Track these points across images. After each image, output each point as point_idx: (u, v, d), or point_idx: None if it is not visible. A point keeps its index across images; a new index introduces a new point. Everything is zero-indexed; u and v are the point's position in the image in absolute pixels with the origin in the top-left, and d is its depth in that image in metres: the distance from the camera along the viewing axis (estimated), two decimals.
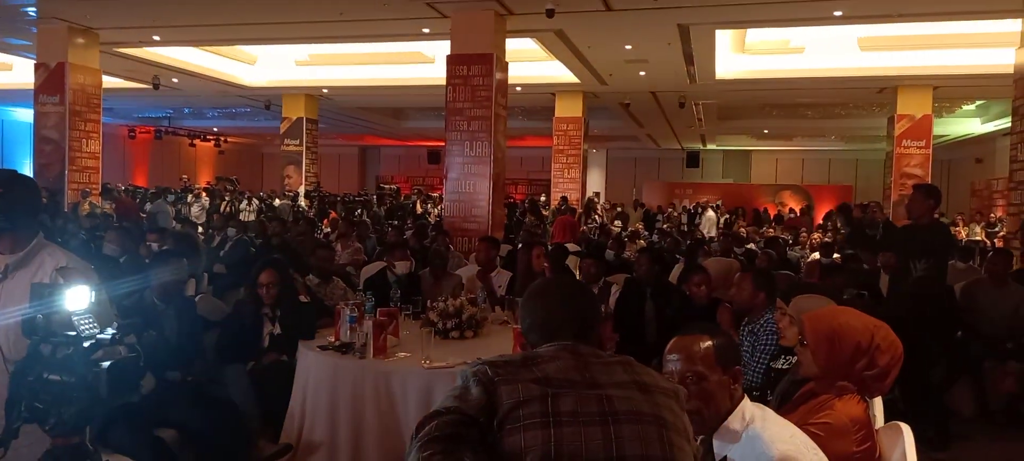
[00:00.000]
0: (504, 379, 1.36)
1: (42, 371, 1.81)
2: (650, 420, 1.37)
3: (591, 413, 1.34)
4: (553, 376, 1.38)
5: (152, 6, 9.18)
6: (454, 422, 1.32)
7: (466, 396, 1.36)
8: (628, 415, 1.35)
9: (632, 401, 1.38)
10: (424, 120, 20.46)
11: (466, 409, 1.33)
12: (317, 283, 4.84)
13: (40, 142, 10.59)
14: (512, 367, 1.40)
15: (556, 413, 1.32)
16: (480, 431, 1.32)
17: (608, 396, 1.37)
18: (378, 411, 3.20)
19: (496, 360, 1.43)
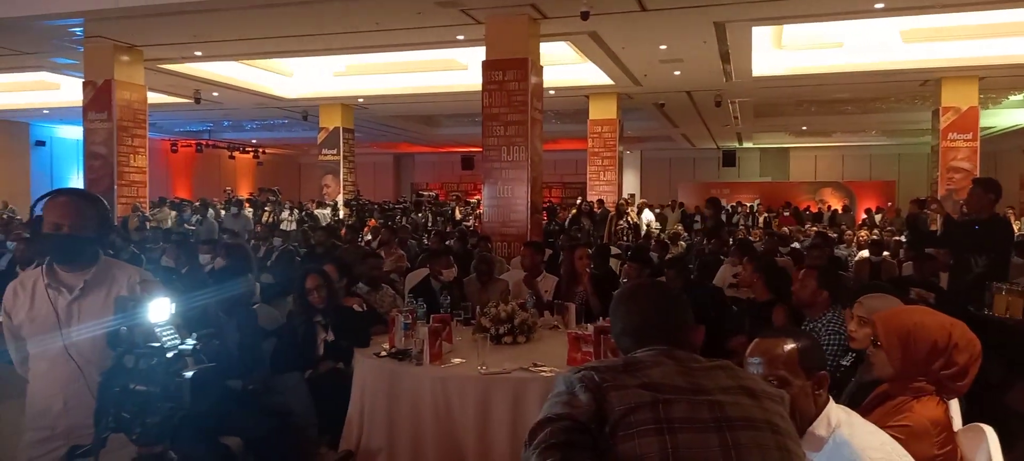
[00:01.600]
0: (612, 385, 1.35)
1: (127, 382, 1.87)
2: (764, 426, 1.35)
3: (704, 420, 1.32)
4: (659, 382, 1.37)
5: (194, 23, 9.38)
6: (567, 429, 1.30)
7: (574, 402, 1.34)
8: (742, 422, 1.34)
9: (743, 407, 1.36)
10: (457, 127, 20.57)
11: (577, 415, 1.32)
12: (367, 291, 4.90)
13: (90, 158, 10.90)
14: (616, 372, 1.39)
15: (668, 420, 1.31)
16: (592, 438, 1.31)
17: (718, 402, 1.35)
18: (436, 417, 3.23)
19: (598, 365, 1.43)
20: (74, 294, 2.34)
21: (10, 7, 9.01)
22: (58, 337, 2.30)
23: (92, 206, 2.37)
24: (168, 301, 1.97)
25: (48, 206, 2.30)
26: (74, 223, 2.29)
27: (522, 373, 3.25)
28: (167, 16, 8.95)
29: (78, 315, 2.34)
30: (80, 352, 2.30)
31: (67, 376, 2.30)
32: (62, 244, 2.29)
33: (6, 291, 2.42)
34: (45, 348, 2.31)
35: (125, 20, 9.27)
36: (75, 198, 2.36)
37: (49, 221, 2.27)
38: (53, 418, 2.32)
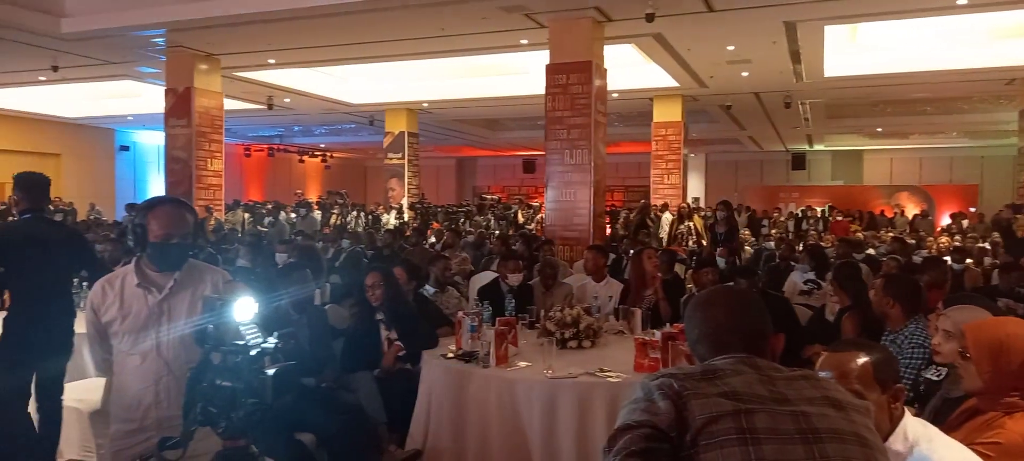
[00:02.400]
0: (693, 393, 1.33)
1: (214, 377, 1.95)
2: (851, 439, 1.31)
3: (789, 431, 1.29)
4: (740, 391, 1.34)
5: (268, 32, 9.73)
6: (647, 436, 1.29)
7: (654, 409, 1.33)
8: (829, 434, 1.30)
9: (829, 418, 1.33)
10: (519, 130, 20.67)
11: (657, 423, 1.31)
12: (433, 292, 4.98)
13: (171, 162, 11.42)
14: (695, 380, 1.37)
15: (751, 430, 1.28)
16: (672, 446, 1.30)
17: (804, 413, 1.32)
18: (502, 419, 3.25)
19: (677, 372, 1.41)
20: (163, 293, 2.46)
21: (99, 19, 9.54)
22: (150, 334, 2.43)
23: (189, 213, 2.50)
24: (252, 301, 2.05)
25: (155, 215, 2.41)
26: (181, 232, 2.42)
27: (589, 378, 3.24)
28: (243, 26, 9.31)
29: (167, 313, 2.46)
30: (170, 348, 2.42)
31: (157, 371, 2.42)
32: (172, 252, 2.42)
33: (94, 289, 2.55)
34: (137, 344, 2.43)
35: (204, 30, 9.69)
36: (179, 208, 2.49)
37: (157, 230, 2.39)
38: (143, 411, 2.43)
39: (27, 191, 3.81)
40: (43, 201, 3.89)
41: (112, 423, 2.53)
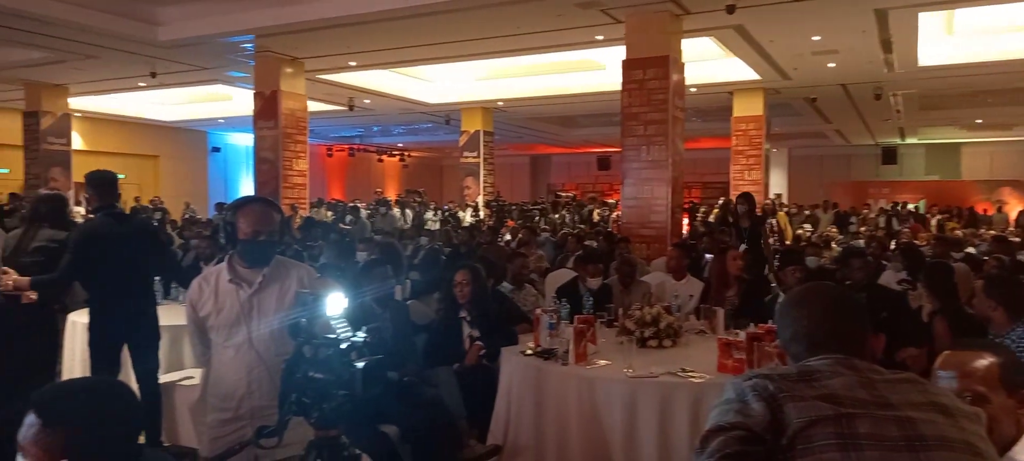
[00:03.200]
0: (789, 395, 1.29)
1: (307, 369, 2.03)
2: (962, 447, 1.24)
3: (894, 438, 1.23)
4: (840, 394, 1.29)
5: (350, 35, 10.01)
6: (741, 438, 1.26)
7: (747, 410, 1.29)
8: (937, 441, 1.23)
9: (937, 425, 1.26)
10: (593, 127, 20.51)
11: (751, 425, 1.27)
12: (510, 289, 5.01)
13: (259, 163, 11.91)
14: (791, 381, 1.32)
15: (853, 436, 1.23)
16: (767, 449, 1.26)
17: (909, 419, 1.26)
18: (582, 417, 3.24)
19: (770, 373, 1.36)
20: (253, 288, 2.56)
21: (193, 27, 10.05)
22: (242, 327, 2.54)
23: (277, 212, 2.60)
24: (342, 296, 2.12)
25: (244, 214, 2.53)
26: (269, 230, 2.52)
27: (670, 377, 3.19)
28: (326, 29, 9.61)
29: (258, 307, 2.56)
30: (261, 340, 2.53)
31: (250, 362, 2.53)
32: (259, 249, 2.52)
33: (191, 286, 2.69)
34: (231, 337, 2.55)
35: (290, 35, 10.06)
36: (266, 207, 2.60)
37: (246, 228, 2.50)
38: (237, 401, 2.55)
39: (97, 189, 3.99)
40: (112, 198, 4.05)
41: (210, 412, 2.66)
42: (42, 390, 1.43)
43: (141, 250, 4.05)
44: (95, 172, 4.02)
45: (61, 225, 4.32)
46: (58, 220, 4.30)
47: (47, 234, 4.13)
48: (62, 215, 4.36)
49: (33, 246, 4.07)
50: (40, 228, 4.13)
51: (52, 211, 4.26)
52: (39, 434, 1.36)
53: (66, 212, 4.55)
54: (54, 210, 4.29)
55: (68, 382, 1.51)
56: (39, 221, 4.15)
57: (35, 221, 4.15)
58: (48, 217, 4.19)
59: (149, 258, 4.13)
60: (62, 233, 4.24)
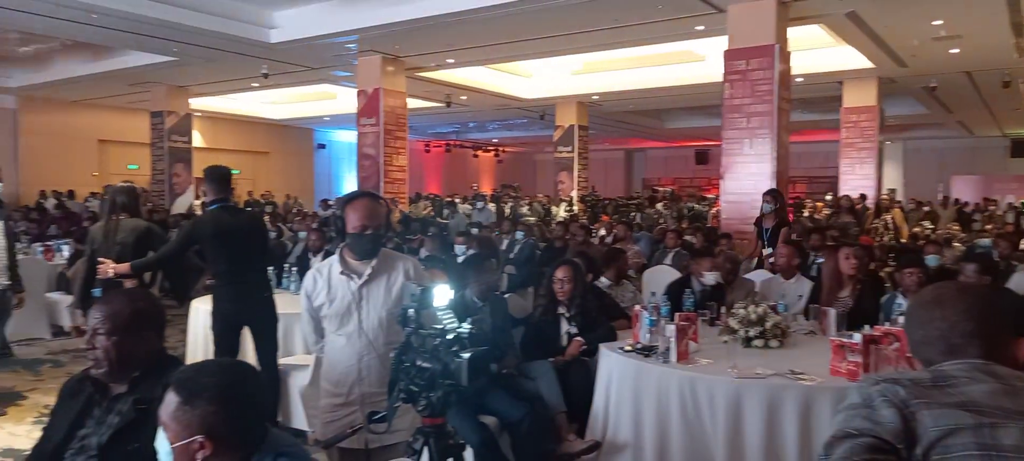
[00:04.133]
0: (924, 402, 1.21)
1: (415, 358, 2.09)
2: None
3: None
4: (981, 402, 1.19)
5: (448, 32, 10.19)
6: (869, 447, 1.19)
7: (876, 417, 1.22)
8: None
9: None
10: (691, 120, 20.03)
11: (880, 433, 1.20)
12: (608, 285, 4.97)
13: (361, 158, 12.34)
14: (924, 387, 1.24)
15: (997, 448, 1.14)
16: (898, 459, 1.19)
17: None
18: (684, 417, 3.17)
19: (900, 377, 1.27)
20: (362, 279, 2.66)
21: (301, 29, 10.52)
22: (352, 317, 2.64)
23: (382, 206, 2.69)
24: (448, 288, 2.16)
25: (353, 208, 2.63)
26: (375, 223, 2.61)
27: (779, 379, 3.06)
28: (426, 28, 9.83)
29: (367, 297, 2.66)
30: (371, 329, 2.62)
31: (360, 350, 2.63)
32: (368, 242, 2.62)
33: (306, 277, 2.82)
34: (343, 326, 2.66)
35: (391, 35, 10.36)
36: (373, 201, 2.69)
37: (354, 221, 2.60)
38: (348, 386, 2.65)
39: (213, 183, 4.26)
40: (226, 191, 4.32)
41: (322, 397, 2.78)
42: (182, 370, 1.54)
43: (253, 240, 4.31)
44: (211, 167, 4.31)
45: (137, 214, 4.65)
46: (135, 210, 4.62)
47: (129, 224, 4.45)
48: (137, 205, 4.68)
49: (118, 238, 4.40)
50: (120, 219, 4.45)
51: (129, 202, 4.58)
52: (178, 411, 1.46)
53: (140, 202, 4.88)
54: (130, 201, 4.61)
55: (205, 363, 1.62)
56: (118, 212, 4.47)
57: (114, 212, 4.47)
58: (126, 208, 4.51)
59: (261, 248, 4.40)
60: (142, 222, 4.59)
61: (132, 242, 4.33)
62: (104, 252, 4.28)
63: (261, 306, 4.25)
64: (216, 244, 4.12)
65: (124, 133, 18.13)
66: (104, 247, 4.32)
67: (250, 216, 5.14)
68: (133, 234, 4.38)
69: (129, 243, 4.33)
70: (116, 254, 4.24)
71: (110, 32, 10.47)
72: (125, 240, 4.35)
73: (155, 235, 4.53)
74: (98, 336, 1.90)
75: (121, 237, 4.36)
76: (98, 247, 4.34)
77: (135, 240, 4.35)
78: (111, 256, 4.20)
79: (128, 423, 1.90)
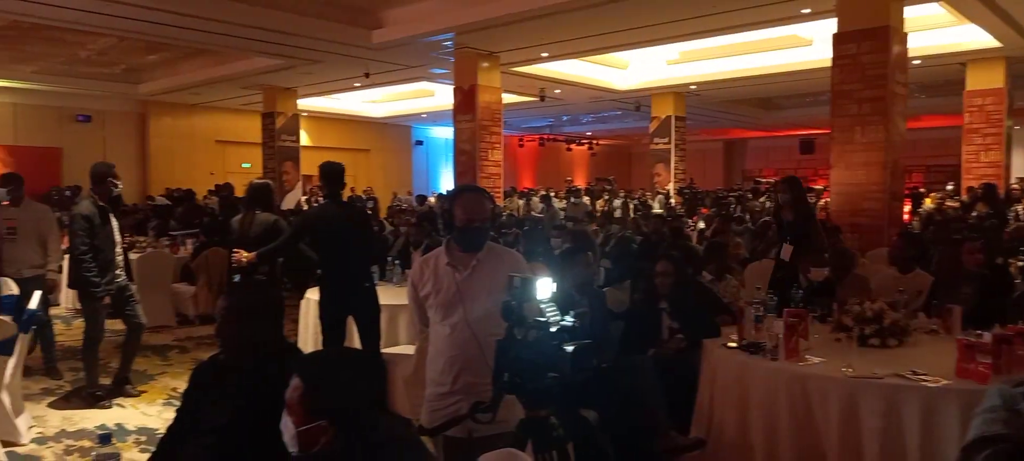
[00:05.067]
0: None
1: (519, 350, 2.11)
2: None
3: None
4: None
5: (542, 26, 10.21)
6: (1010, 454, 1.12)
7: (1019, 422, 1.15)
8: None
9: None
10: (795, 108, 19.19)
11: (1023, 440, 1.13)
12: (710, 279, 4.84)
13: (458, 154, 12.57)
14: None
15: None
16: None
17: None
18: (793, 416, 3.05)
19: None
20: (468, 271, 2.71)
21: (400, 30, 10.83)
22: (457, 308, 2.69)
23: (488, 200, 2.73)
24: (550, 281, 2.17)
25: (460, 202, 2.69)
26: (481, 217, 2.66)
27: (898, 380, 2.89)
28: (520, 22, 9.88)
29: (471, 289, 2.70)
30: (475, 320, 2.66)
31: (464, 340, 2.68)
32: (474, 235, 2.67)
33: (413, 267, 2.91)
34: (447, 316, 2.72)
35: (486, 31, 10.48)
36: (480, 196, 2.74)
37: (461, 216, 2.66)
38: (453, 376, 2.71)
39: (325, 178, 4.53)
40: (338, 187, 4.56)
41: (427, 386, 2.86)
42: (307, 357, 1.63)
43: (359, 234, 4.52)
44: (325, 163, 4.56)
45: (269, 208, 5.00)
46: (267, 204, 4.98)
47: (261, 217, 4.78)
48: (270, 200, 5.03)
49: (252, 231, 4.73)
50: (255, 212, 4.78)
51: (263, 197, 4.92)
52: (302, 395, 1.55)
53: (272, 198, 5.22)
54: (264, 196, 4.96)
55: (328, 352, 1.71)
56: (253, 206, 4.79)
57: (250, 206, 4.79)
58: (260, 202, 4.83)
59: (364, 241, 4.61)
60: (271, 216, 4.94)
61: (262, 234, 4.66)
62: (240, 243, 4.63)
63: (364, 297, 4.45)
64: (323, 237, 4.35)
65: (239, 134, 19.27)
66: (240, 238, 4.68)
67: (355, 210, 5.37)
68: (263, 226, 4.71)
69: (260, 235, 4.66)
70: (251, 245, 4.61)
71: (227, 38, 11.15)
72: (258, 232, 4.68)
73: (280, 228, 4.85)
74: (225, 323, 2.03)
75: (255, 230, 4.69)
76: (236, 238, 4.71)
77: (264, 232, 4.68)
78: (246, 247, 4.56)
79: (251, 406, 2.03)
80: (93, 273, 4.85)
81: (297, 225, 4.69)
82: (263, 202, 4.85)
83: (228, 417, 2.03)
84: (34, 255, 5.49)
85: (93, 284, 4.86)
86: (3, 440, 4.10)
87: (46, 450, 4.32)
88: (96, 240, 4.85)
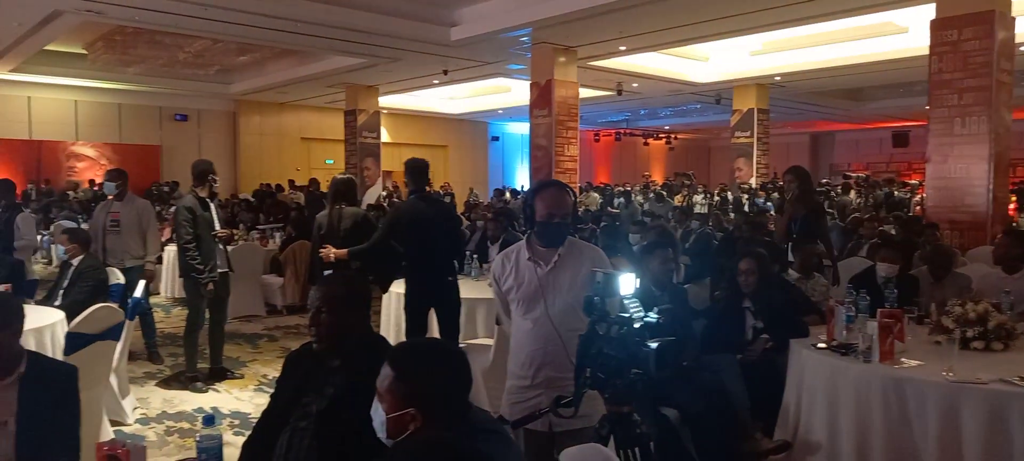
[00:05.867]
0: None
1: (601, 346, 2.10)
2: None
3: None
4: None
5: (621, 19, 10.10)
6: None
7: None
8: None
9: None
10: (888, 99, 18.28)
11: None
12: (796, 278, 4.68)
13: (534, 149, 12.60)
14: None
15: None
16: None
17: None
18: (888, 422, 2.92)
19: None
20: (549, 266, 2.71)
21: (478, 26, 10.94)
22: (539, 302, 2.70)
23: (569, 195, 2.73)
24: (634, 277, 2.15)
25: (541, 197, 2.69)
26: (562, 212, 2.66)
27: (1004, 386, 2.72)
28: (599, 16, 9.81)
29: (553, 284, 2.71)
30: (556, 315, 2.66)
31: (546, 335, 2.68)
32: (554, 230, 2.68)
33: (495, 261, 2.93)
34: (529, 310, 2.73)
35: (564, 25, 10.45)
36: (560, 191, 2.74)
37: (542, 210, 2.67)
38: (534, 370, 2.72)
39: (411, 174, 4.69)
40: (423, 183, 4.71)
41: (508, 379, 2.88)
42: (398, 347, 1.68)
43: (443, 228, 4.60)
44: (411, 159, 4.72)
45: (355, 203, 5.14)
46: (353, 199, 5.11)
47: (349, 212, 4.92)
48: (355, 195, 5.19)
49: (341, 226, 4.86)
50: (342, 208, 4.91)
51: (348, 192, 5.07)
52: (393, 384, 1.60)
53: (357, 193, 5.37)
54: (349, 191, 5.10)
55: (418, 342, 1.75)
56: (339, 202, 4.93)
57: (336, 201, 4.93)
58: (346, 197, 4.98)
59: (450, 236, 4.69)
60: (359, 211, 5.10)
61: (350, 228, 4.83)
62: (329, 238, 4.80)
63: (447, 290, 4.55)
64: (411, 231, 4.48)
65: (323, 131, 19.95)
66: (329, 233, 4.86)
67: (442, 205, 5.49)
68: (351, 221, 4.87)
69: (348, 229, 4.83)
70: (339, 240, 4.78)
71: (312, 39, 11.55)
72: (347, 226, 4.85)
73: (369, 222, 5.01)
74: (320, 314, 2.11)
75: (343, 224, 4.86)
76: (324, 233, 4.89)
77: (352, 226, 4.84)
78: (334, 242, 4.73)
79: (342, 393, 2.10)
80: (197, 260, 5.15)
81: (388, 221, 4.85)
82: (348, 197, 5.01)
83: (322, 404, 2.11)
84: (135, 246, 5.87)
85: (197, 271, 5.15)
86: (111, 419, 4.39)
87: (149, 430, 4.60)
88: (198, 230, 5.15)
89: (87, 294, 4.77)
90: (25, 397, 2.25)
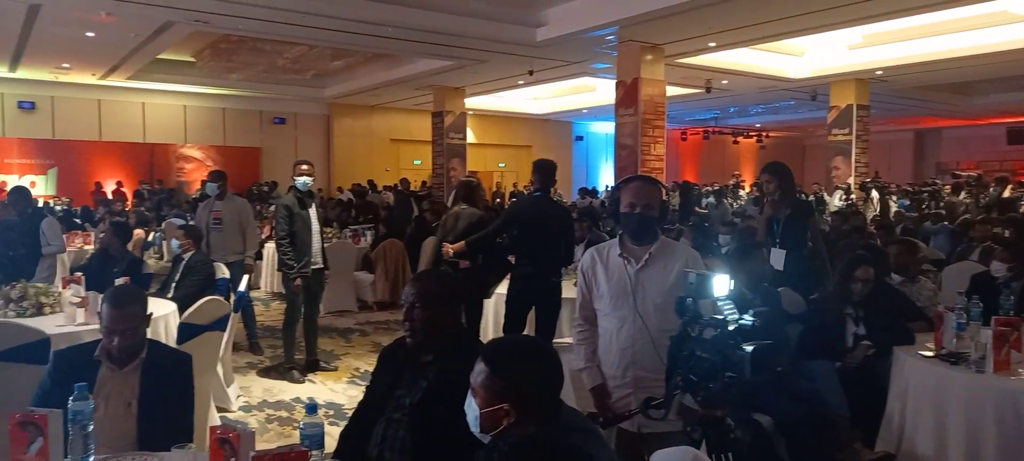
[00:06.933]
0: None
1: (694, 348, 2.07)
2: None
3: None
4: None
5: (710, 15, 9.84)
6: None
7: None
8: None
9: None
10: (1001, 93, 17.05)
11: None
12: (899, 281, 4.44)
13: (619, 148, 12.46)
14: None
15: None
16: None
17: None
18: (1002, 436, 2.74)
19: None
20: (640, 264, 2.69)
21: (563, 25, 10.93)
22: (628, 300, 2.68)
23: (656, 189, 2.70)
24: (728, 278, 2.11)
25: (626, 189, 2.70)
26: (645, 203, 2.64)
27: None
28: (687, 12, 9.60)
29: (643, 282, 2.68)
30: (646, 314, 2.64)
31: (635, 334, 2.66)
32: (637, 222, 2.66)
33: (584, 257, 2.92)
34: (618, 308, 2.71)
35: (651, 22, 10.28)
36: (645, 182, 2.72)
37: (626, 201, 2.66)
38: (622, 369, 2.71)
39: (537, 173, 4.87)
40: (550, 183, 4.90)
41: None
42: (493, 343, 1.71)
43: (559, 230, 4.77)
44: (540, 160, 4.91)
45: (474, 204, 5.36)
46: (472, 200, 5.35)
47: (467, 212, 5.12)
48: (474, 196, 5.40)
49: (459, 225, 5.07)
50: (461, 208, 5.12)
51: (468, 193, 5.37)
52: (487, 379, 1.63)
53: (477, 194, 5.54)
54: (469, 193, 5.39)
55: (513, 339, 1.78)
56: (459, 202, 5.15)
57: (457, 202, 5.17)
58: (466, 198, 5.25)
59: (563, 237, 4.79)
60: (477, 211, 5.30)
61: (465, 229, 5.04)
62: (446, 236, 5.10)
63: (550, 291, 4.65)
64: (529, 228, 4.61)
65: (411, 132, 20.45)
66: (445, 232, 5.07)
67: (561, 208, 5.59)
68: (468, 220, 5.06)
69: (463, 230, 5.04)
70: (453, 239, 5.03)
71: (401, 43, 11.86)
72: (461, 227, 5.06)
73: (484, 224, 5.19)
74: (413, 309, 2.18)
75: (459, 224, 5.08)
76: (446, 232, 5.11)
77: (467, 227, 5.06)
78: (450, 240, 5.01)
79: (435, 387, 2.16)
80: (289, 255, 5.41)
81: (507, 214, 5.10)
82: (468, 198, 5.24)
83: (415, 397, 2.17)
84: (236, 243, 6.23)
85: (289, 266, 5.41)
86: (217, 406, 4.66)
87: (251, 417, 4.86)
88: (294, 226, 5.41)
89: (197, 287, 5.09)
90: (146, 381, 2.44)
